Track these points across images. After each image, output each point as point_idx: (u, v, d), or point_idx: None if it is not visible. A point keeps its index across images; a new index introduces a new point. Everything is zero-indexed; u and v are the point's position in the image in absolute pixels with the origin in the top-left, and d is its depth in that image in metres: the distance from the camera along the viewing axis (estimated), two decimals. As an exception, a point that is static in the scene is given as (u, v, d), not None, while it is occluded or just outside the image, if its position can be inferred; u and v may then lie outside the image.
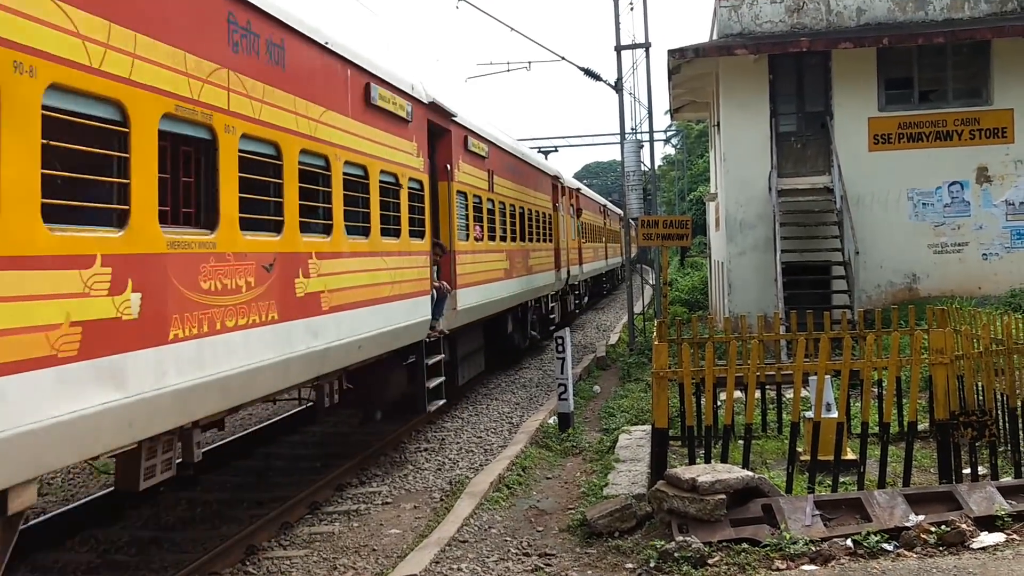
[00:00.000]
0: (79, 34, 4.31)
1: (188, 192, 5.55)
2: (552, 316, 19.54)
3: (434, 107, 10.43)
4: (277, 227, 6.44)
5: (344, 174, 7.56)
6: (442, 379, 10.39)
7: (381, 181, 8.44)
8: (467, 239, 12.09)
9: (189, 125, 5.31)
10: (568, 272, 21.87)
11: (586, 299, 28.66)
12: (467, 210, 12.21)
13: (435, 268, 10.46)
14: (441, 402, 10.32)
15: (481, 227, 12.95)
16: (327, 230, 7.32)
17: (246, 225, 5.93)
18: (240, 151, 5.86)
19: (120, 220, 4.63)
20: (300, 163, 6.75)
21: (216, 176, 5.61)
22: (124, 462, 5.47)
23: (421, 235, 9.80)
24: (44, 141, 4.04)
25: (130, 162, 4.67)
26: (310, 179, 7.01)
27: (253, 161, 6.10)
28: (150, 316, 4.77)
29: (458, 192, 11.74)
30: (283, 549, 7.07)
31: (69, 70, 4.23)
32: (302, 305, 6.70)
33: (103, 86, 4.48)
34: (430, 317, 9.93)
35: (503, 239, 14.52)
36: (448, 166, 11.40)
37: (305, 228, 6.84)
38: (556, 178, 21.04)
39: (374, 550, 6.96)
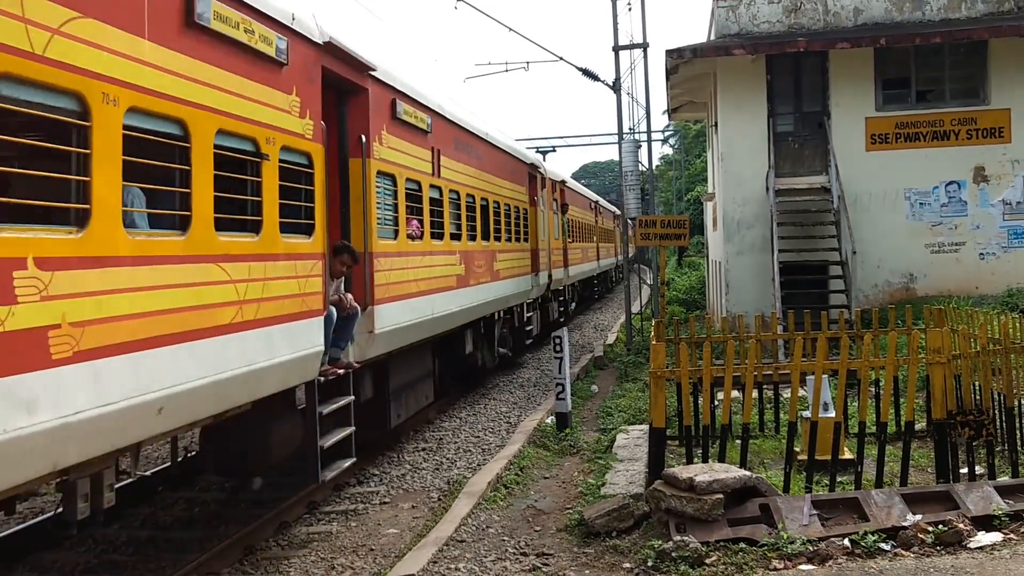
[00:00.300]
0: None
1: None
2: (529, 328, 17.10)
3: (335, 52, 7.47)
4: None
5: (130, 129, 4.70)
6: (349, 431, 7.70)
7: (219, 146, 5.60)
8: (395, 237, 9.10)
9: None
10: (550, 276, 19.12)
11: (573, 305, 25.84)
12: (396, 199, 9.18)
13: (341, 279, 7.86)
14: (348, 463, 7.73)
15: (420, 222, 9.96)
16: (75, 219, 4.37)
17: None
18: None
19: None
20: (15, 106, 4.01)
21: None
22: None
23: (308, 232, 6.89)
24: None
25: None
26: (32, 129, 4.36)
27: None
28: None
29: (381, 174, 8.72)
30: (281, 549, 7.07)
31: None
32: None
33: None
34: (321, 348, 7.04)
35: (456, 238, 11.55)
36: (363, 137, 8.34)
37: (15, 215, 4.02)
38: (535, 167, 18.02)
39: (372, 550, 6.96)
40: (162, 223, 5.16)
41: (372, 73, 8.46)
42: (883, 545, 5.60)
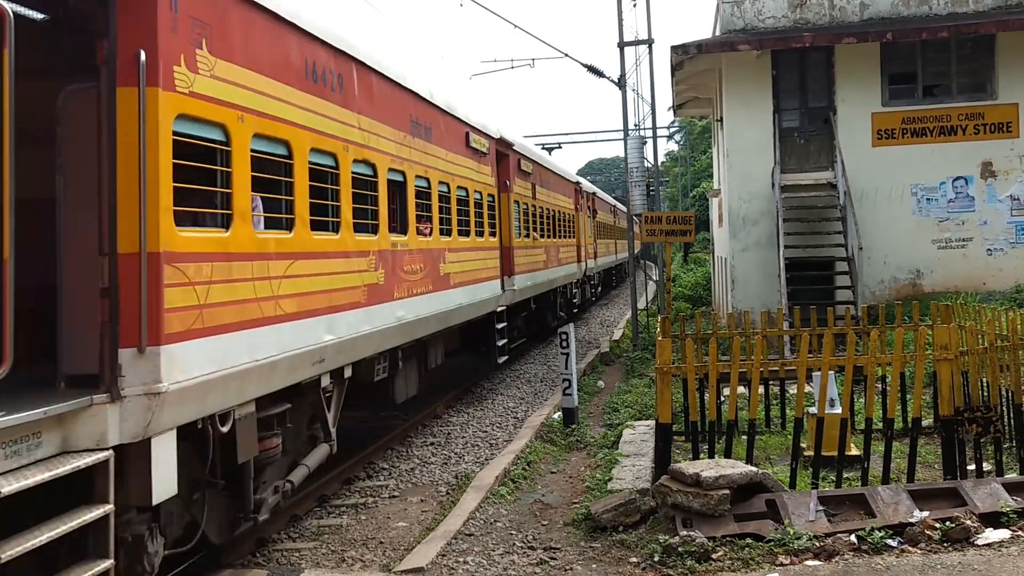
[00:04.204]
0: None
1: None
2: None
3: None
4: None
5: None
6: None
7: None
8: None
9: None
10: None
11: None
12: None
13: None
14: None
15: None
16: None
17: None
18: None
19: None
20: None
21: None
22: None
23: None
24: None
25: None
26: None
27: None
28: None
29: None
30: (292, 541, 7.13)
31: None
32: None
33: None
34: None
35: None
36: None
37: None
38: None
39: (381, 543, 7.01)
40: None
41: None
42: (890, 541, 5.62)
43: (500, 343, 13.39)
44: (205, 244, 5.14)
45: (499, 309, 13.34)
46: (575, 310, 22.63)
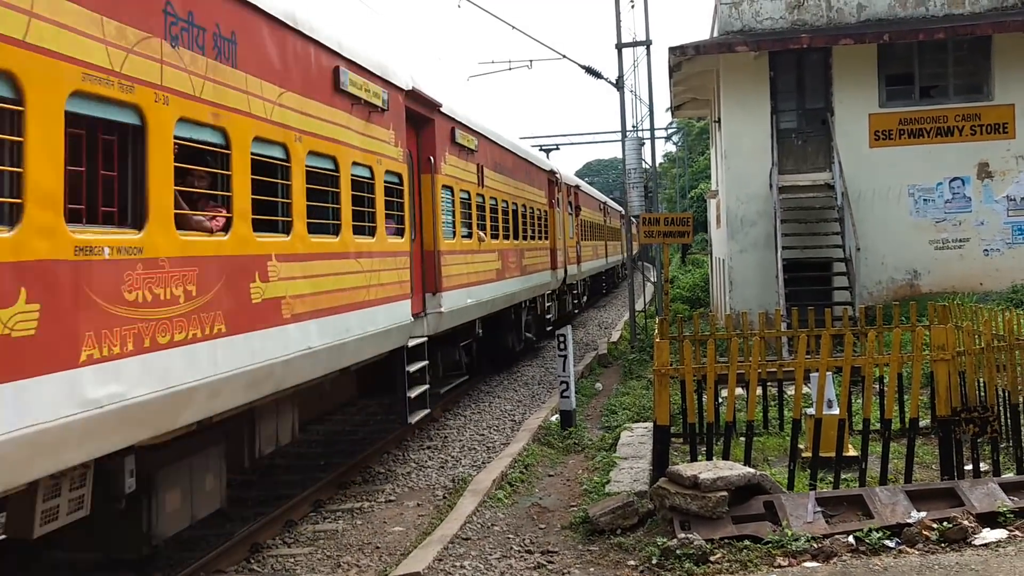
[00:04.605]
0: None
1: None
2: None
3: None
4: None
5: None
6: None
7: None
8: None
9: None
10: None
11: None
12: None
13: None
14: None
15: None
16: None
17: None
18: None
19: None
20: None
21: None
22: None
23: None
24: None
25: None
26: None
27: None
28: None
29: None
30: (287, 547, 7.10)
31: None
32: None
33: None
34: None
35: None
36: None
37: None
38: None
39: (377, 548, 6.99)
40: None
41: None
42: (888, 542, 5.61)
43: (415, 392, 9.06)
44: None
45: (413, 343, 9.14)
46: (549, 327, 18.29)
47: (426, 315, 9.98)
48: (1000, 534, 5.57)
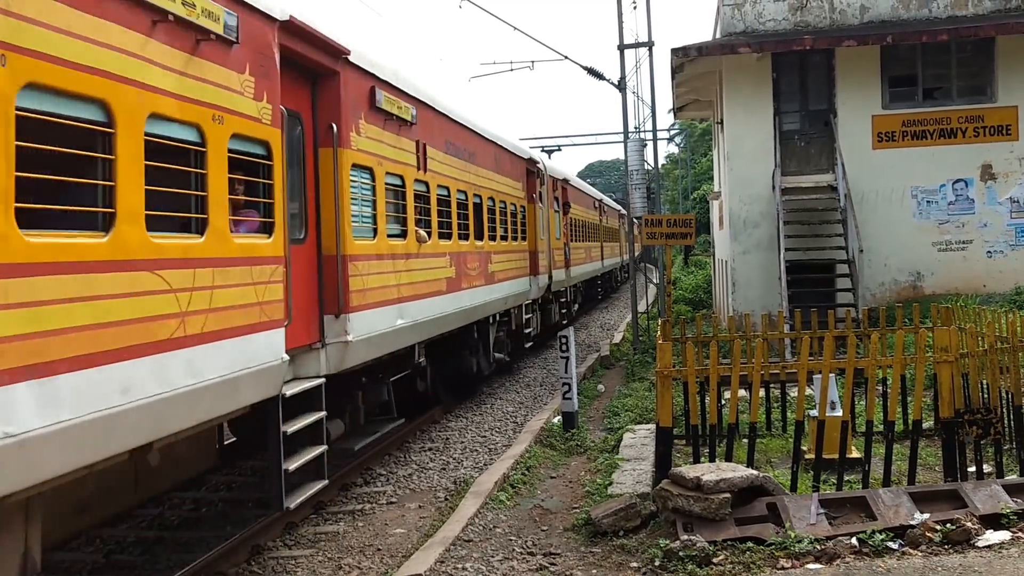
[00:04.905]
0: None
1: None
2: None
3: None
4: None
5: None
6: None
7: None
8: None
9: None
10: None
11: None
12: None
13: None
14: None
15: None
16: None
17: None
18: None
19: None
20: None
21: None
22: None
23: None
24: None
25: None
26: None
27: None
28: None
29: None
30: (288, 549, 7.09)
31: None
32: None
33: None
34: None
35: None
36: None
37: None
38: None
39: (379, 549, 6.98)
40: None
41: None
42: (891, 544, 5.59)
43: (301, 461, 6.45)
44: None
45: (295, 390, 6.50)
46: (529, 343, 16.02)
47: (324, 346, 7.25)
48: (1003, 536, 5.55)
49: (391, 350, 8.68)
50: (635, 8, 35.13)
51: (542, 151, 26.72)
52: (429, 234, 9.84)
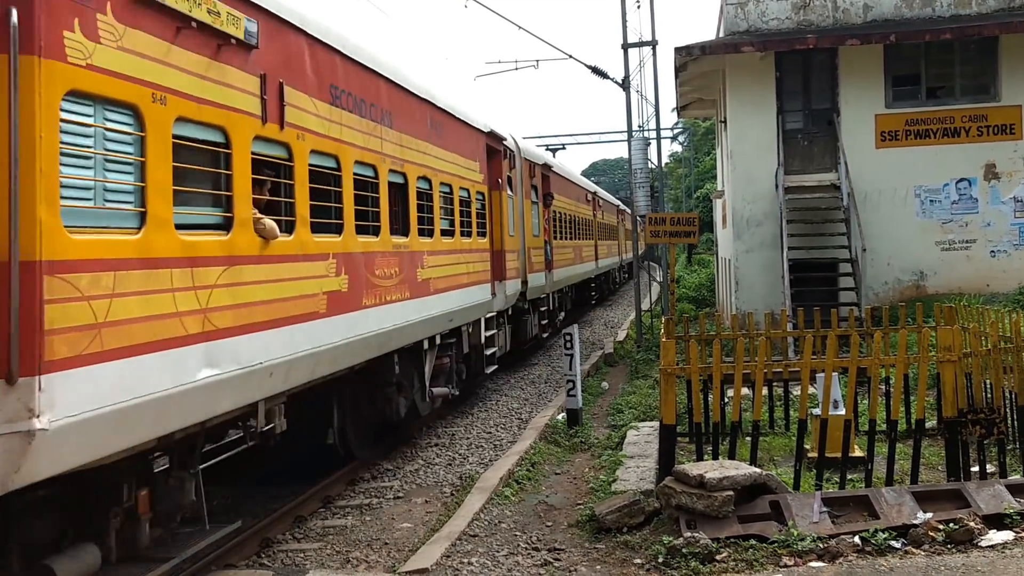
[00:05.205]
0: None
1: None
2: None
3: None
4: None
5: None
6: None
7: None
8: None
9: None
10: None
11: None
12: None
13: None
14: None
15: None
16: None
17: None
18: None
19: None
20: None
21: None
22: None
23: None
24: None
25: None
26: None
27: None
28: None
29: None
30: (297, 542, 7.16)
31: None
32: None
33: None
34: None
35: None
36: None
37: None
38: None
39: (386, 543, 7.04)
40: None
41: None
42: (894, 543, 5.63)
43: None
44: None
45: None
46: (491, 367, 12.64)
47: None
48: (1006, 536, 5.58)
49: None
50: (639, 7, 35.11)
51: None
52: (287, 226, 6.47)
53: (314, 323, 6.82)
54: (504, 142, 13.89)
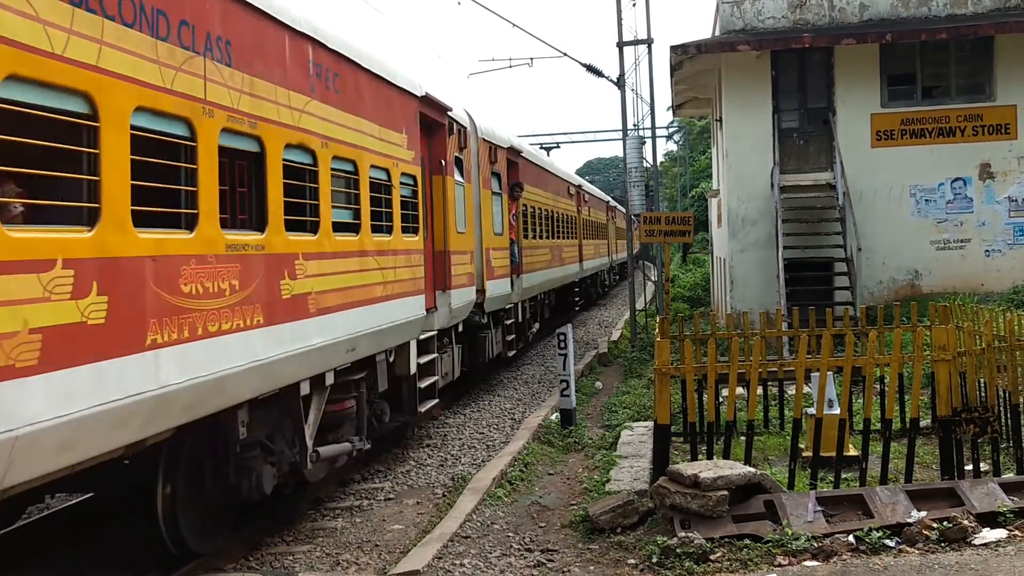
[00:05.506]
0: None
1: None
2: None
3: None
4: None
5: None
6: None
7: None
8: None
9: None
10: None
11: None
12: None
13: None
14: None
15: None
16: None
17: None
18: None
19: None
20: None
21: None
22: None
23: None
24: None
25: None
26: None
27: None
28: None
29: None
30: (286, 544, 7.09)
31: None
32: None
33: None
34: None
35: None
36: None
37: None
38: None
39: (377, 545, 6.99)
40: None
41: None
42: (888, 542, 5.61)
43: None
44: None
45: None
46: (430, 402, 10.01)
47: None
48: (1000, 534, 5.56)
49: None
50: (634, 5, 35.14)
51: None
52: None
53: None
54: (450, 113, 10.88)
